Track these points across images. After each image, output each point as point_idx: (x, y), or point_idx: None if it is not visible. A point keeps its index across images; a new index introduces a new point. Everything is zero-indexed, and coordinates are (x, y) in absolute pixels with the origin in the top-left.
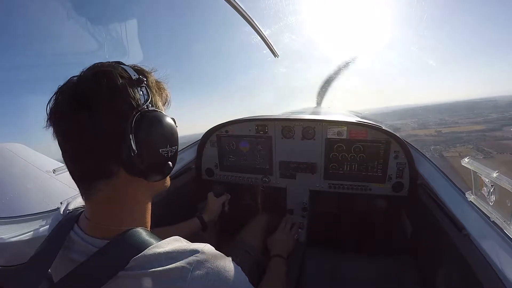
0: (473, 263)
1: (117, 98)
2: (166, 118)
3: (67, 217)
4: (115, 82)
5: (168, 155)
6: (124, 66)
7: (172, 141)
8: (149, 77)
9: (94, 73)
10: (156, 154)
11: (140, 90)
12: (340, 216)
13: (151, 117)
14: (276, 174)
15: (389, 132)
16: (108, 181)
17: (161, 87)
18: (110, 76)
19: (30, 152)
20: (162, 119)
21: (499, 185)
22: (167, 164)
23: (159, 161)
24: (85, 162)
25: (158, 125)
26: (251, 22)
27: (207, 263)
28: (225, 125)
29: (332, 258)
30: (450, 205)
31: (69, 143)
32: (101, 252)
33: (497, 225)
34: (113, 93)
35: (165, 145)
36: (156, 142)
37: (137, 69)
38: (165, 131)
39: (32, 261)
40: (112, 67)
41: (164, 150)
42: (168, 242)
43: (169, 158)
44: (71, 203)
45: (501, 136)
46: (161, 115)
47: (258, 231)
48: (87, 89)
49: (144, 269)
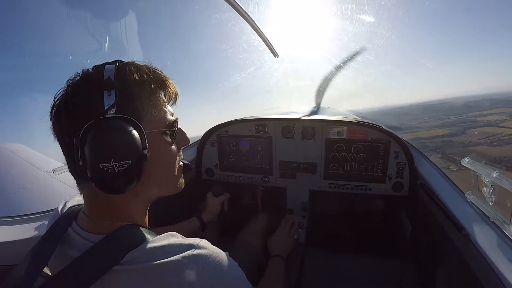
0: (473, 263)
1: (80, 106)
2: (124, 126)
3: (65, 214)
4: (82, 89)
5: (115, 170)
6: (108, 66)
7: (121, 156)
8: (130, 77)
9: (73, 80)
10: (96, 168)
11: (108, 94)
12: (340, 216)
13: (101, 126)
14: (276, 174)
15: (389, 132)
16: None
17: (156, 84)
18: (81, 82)
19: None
20: (115, 129)
21: (499, 185)
22: (116, 180)
23: (102, 176)
24: (69, 164)
25: (103, 136)
26: (251, 22)
27: (203, 257)
28: (225, 125)
29: (331, 258)
30: (450, 205)
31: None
32: (96, 247)
33: (496, 225)
34: (78, 101)
35: (107, 160)
36: (96, 155)
37: (121, 68)
38: (111, 143)
39: (27, 258)
40: (88, 73)
41: (105, 165)
42: (164, 237)
43: (117, 174)
44: (69, 201)
45: (469, 142)
46: (117, 124)
47: (258, 231)
48: (62, 98)
49: (140, 263)
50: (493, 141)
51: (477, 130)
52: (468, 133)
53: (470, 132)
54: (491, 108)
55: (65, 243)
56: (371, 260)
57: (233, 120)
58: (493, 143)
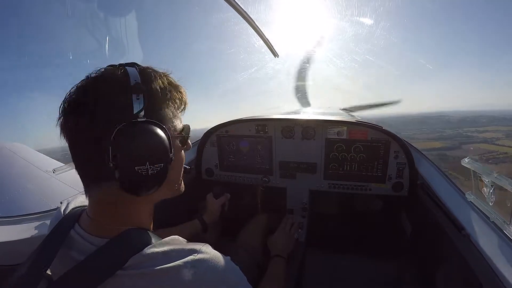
0: (473, 263)
1: (106, 106)
2: (155, 131)
3: (68, 216)
4: (107, 89)
5: (148, 173)
6: (131, 69)
7: (154, 159)
8: (155, 83)
9: (93, 79)
10: (131, 171)
11: (137, 98)
12: (340, 216)
13: (136, 129)
14: (276, 174)
15: (389, 132)
16: (106, 183)
17: (173, 92)
18: (105, 82)
19: (30, 152)
20: (148, 133)
21: (499, 185)
22: (147, 183)
23: (135, 179)
24: (82, 164)
25: (139, 139)
26: (251, 22)
27: (205, 262)
28: (225, 125)
29: (332, 258)
30: (450, 205)
31: (69, 145)
32: (100, 251)
33: (496, 225)
34: (103, 100)
35: (143, 163)
36: (132, 157)
37: (145, 73)
38: (146, 147)
39: (30, 260)
40: (111, 72)
41: (141, 168)
42: (167, 241)
43: (149, 177)
44: (72, 202)
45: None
46: (149, 127)
47: (258, 231)
48: (83, 95)
49: (142, 268)
50: (489, 158)
51: (473, 146)
52: (464, 148)
53: (466, 147)
54: (488, 125)
55: (68, 245)
56: (371, 260)
57: (233, 120)
58: (488, 161)
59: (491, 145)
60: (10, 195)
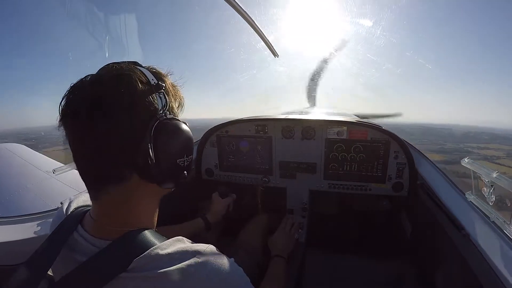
0: (473, 263)
1: (136, 105)
2: (183, 126)
3: (70, 216)
4: (134, 87)
5: (184, 164)
6: (142, 68)
7: (189, 151)
8: (167, 81)
9: (112, 76)
10: (173, 164)
11: (158, 96)
12: (340, 216)
13: (170, 125)
14: (276, 174)
15: (389, 132)
16: (119, 185)
17: (176, 91)
18: (129, 80)
19: (30, 152)
20: (180, 128)
21: (499, 185)
22: (182, 173)
23: (175, 171)
24: (98, 166)
25: (176, 135)
26: (251, 22)
27: (209, 264)
28: (225, 125)
29: (332, 258)
30: (450, 205)
31: (82, 145)
32: (103, 253)
33: (496, 225)
34: (132, 99)
35: (182, 155)
36: (174, 152)
37: (154, 72)
38: (182, 141)
39: (31, 260)
40: (131, 71)
41: (181, 160)
42: (171, 243)
43: (185, 168)
44: (74, 201)
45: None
46: (179, 123)
47: (258, 231)
48: (104, 92)
49: (146, 271)
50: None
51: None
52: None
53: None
54: (490, 142)
55: (71, 246)
56: (371, 260)
57: (233, 120)
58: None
59: (492, 164)
60: (10, 195)
